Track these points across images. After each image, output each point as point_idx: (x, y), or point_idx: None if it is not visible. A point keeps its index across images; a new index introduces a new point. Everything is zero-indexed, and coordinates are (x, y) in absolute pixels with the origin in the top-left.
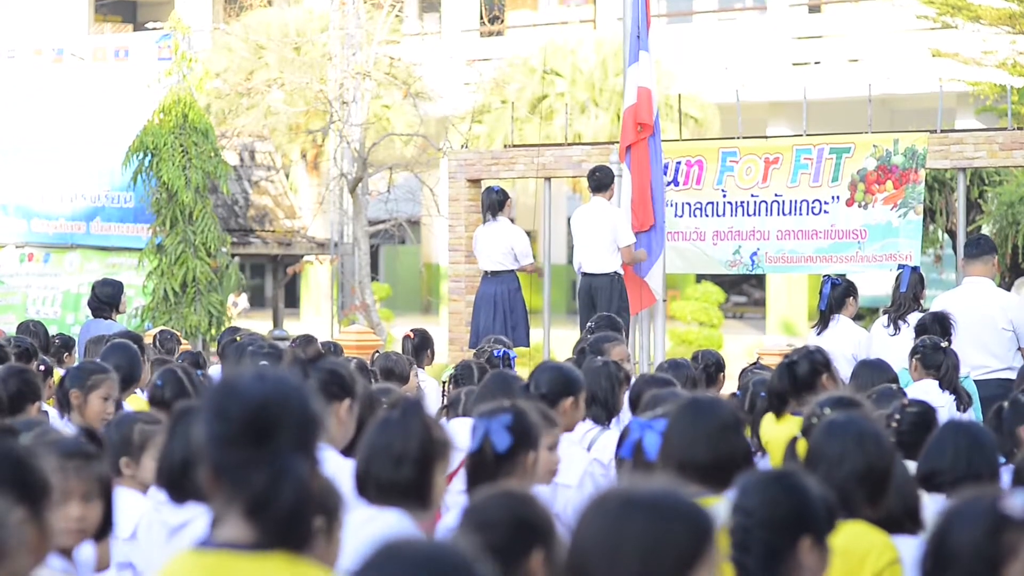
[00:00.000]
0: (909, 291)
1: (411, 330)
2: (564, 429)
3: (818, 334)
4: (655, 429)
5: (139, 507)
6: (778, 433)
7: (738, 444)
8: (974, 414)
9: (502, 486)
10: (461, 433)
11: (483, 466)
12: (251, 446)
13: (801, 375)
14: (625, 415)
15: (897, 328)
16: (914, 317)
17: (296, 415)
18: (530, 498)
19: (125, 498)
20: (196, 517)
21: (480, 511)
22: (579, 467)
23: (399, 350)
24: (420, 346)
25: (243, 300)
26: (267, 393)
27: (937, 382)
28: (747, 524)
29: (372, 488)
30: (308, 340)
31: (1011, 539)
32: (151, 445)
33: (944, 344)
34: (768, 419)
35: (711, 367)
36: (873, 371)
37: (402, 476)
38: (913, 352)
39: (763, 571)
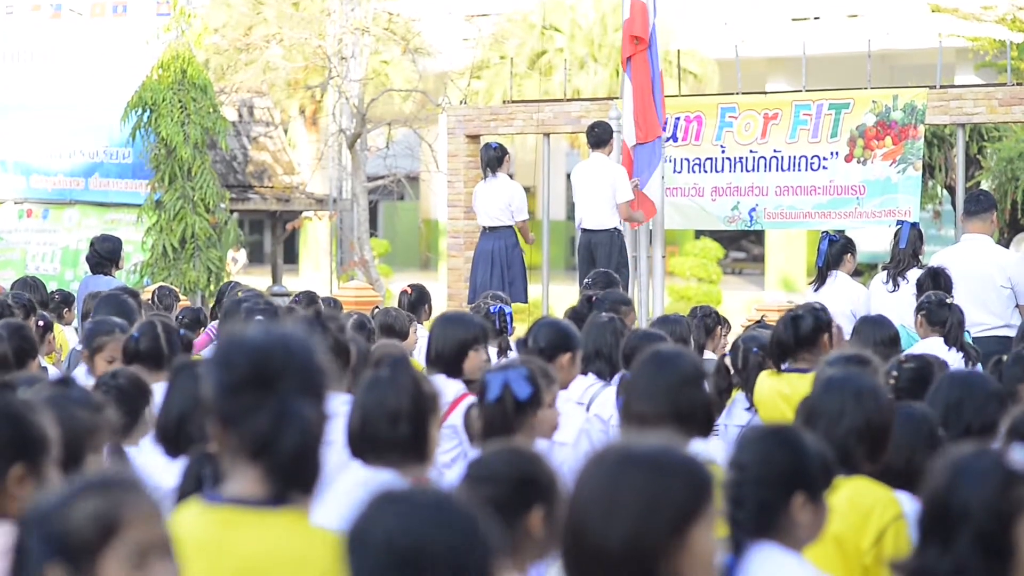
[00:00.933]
0: (908, 247)
1: (408, 285)
2: (560, 385)
3: (815, 290)
4: None
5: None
6: (771, 390)
7: (697, 397)
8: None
9: (508, 442)
10: (447, 388)
11: (503, 417)
12: (256, 392)
13: (804, 330)
14: None
15: (896, 284)
16: (913, 274)
17: (300, 362)
18: (536, 455)
19: None
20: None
21: (485, 465)
22: (575, 424)
23: (398, 306)
24: (417, 301)
25: (242, 256)
26: (271, 341)
27: (943, 339)
28: (741, 479)
29: (367, 447)
30: (310, 298)
31: (1021, 494)
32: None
33: (949, 300)
34: (761, 376)
35: (709, 319)
36: (874, 327)
37: (398, 433)
38: (918, 308)
39: (756, 527)
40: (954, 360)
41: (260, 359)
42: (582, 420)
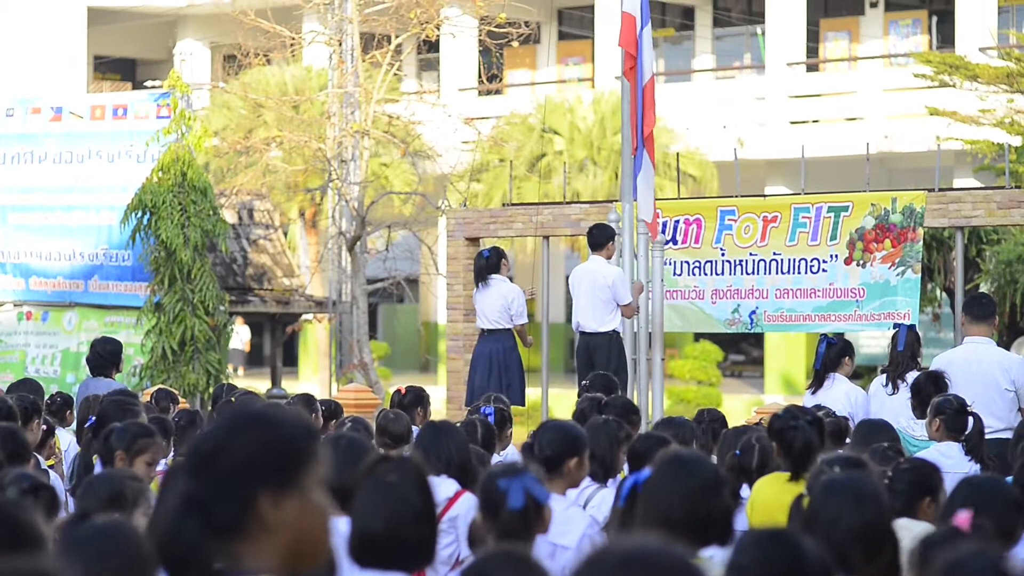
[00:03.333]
0: (907, 350)
1: (404, 387)
2: (568, 486)
3: (813, 393)
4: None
5: None
6: (767, 492)
7: (717, 503)
8: None
9: (504, 546)
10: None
11: (524, 523)
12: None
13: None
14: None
15: (896, 387)
16: (912, 376)
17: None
18: (531, 561)
19: None
20: None
21: (480, 571)
22: (578, 529)
23: (390, 406)
24: (412, 403)
25: (245, 331)
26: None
27: (959, 445)
28: None
29: (371, 552)
30: (307, 400)
31: None
32: (142, 501)
33: (970, 407)
34: (763, 480)
35: (716, 423)
36: (875, 430)
37: (407, 537)
38: (937, 412)
39: None
40: (965, 468)
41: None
42: (585, 525)
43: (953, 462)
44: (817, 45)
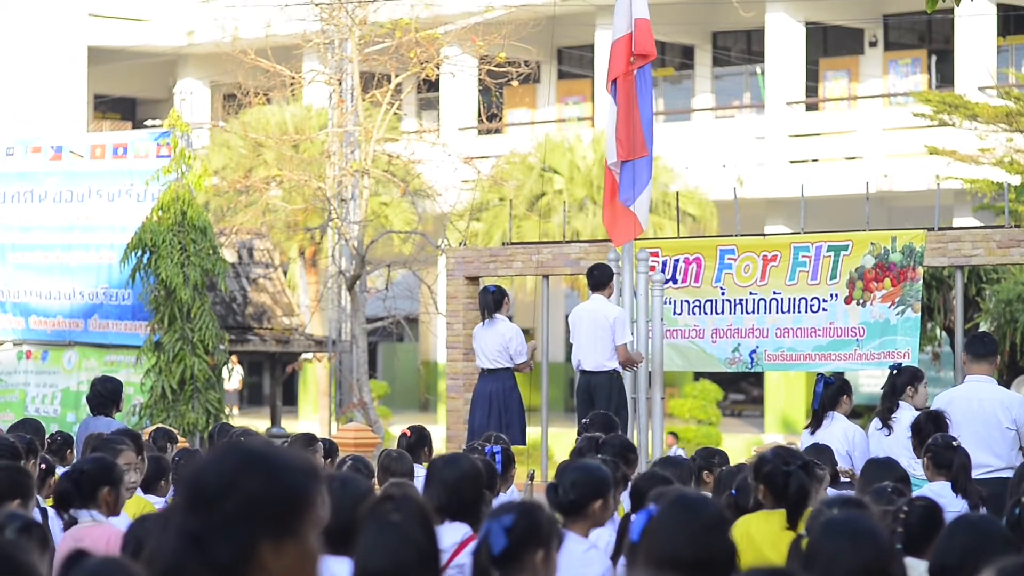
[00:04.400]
0: (890, 390)
1: (408, 427)
2: (591, 527)
3: (811, 433)
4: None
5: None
6: (759, 529)
7: (721, 543)
8: None
9: None
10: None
11: (482, 568)
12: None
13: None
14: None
15: (889, 428)
16: (906, 414)
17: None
18: None
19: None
20: None
21: None
22: (596, 571)
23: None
24: (417, 443)
25: (238, 370)
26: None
27: (950, 483)
28: None
29: None
30: (307, 440)
31: None
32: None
33: (955, 443)
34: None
35: (715, 457)
36: (882, 469)
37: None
38: (925, 451)
39: None
40: (957, 506)
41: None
42: (603, 568)
43: (945, 501)
44: (816, 84)
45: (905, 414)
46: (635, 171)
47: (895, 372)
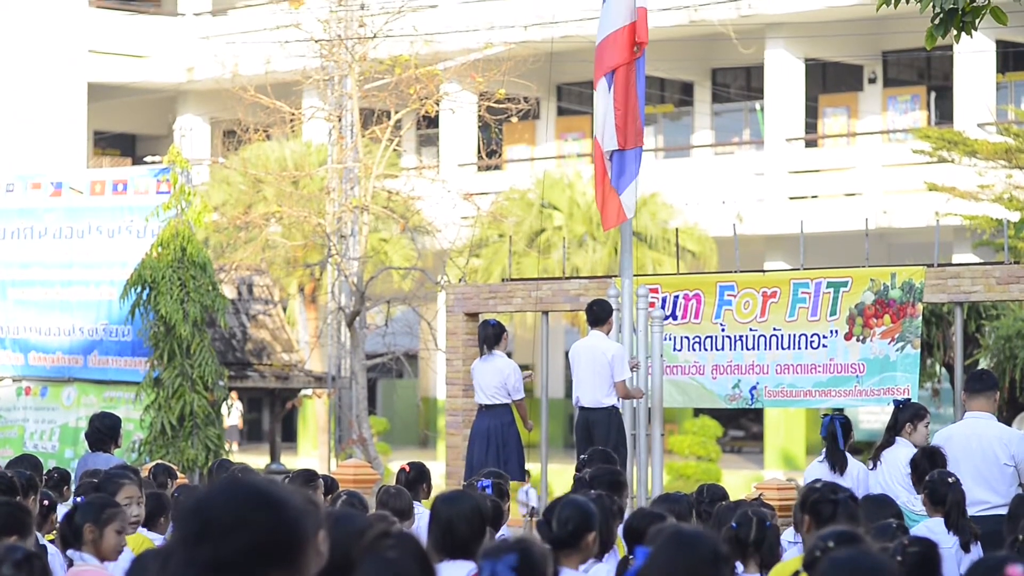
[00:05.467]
0: (895, 429)
1: (407, 463)
2: (583, 560)
3: (832, 471)
4: None
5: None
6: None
7: None
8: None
9: None
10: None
11: None
12: None
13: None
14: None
15: (874, 463)
16: (891, 452)
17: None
18: None
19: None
20: None
21: None
22: None
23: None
24: (416, 479)
25: (238, 406)
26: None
27: (943, 520)
28: None
29: None
30: (307, 476)
31: None
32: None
33: (951, 479)
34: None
35: (716, 491)
36: (878, 506)
37: None
38: (923, 487)
39: None
40: (951, 544)
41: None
42: None
43: (938, 537)
44: (816, 121)
45: (902, 451)
46: (625, 161)
47: (899, 407)
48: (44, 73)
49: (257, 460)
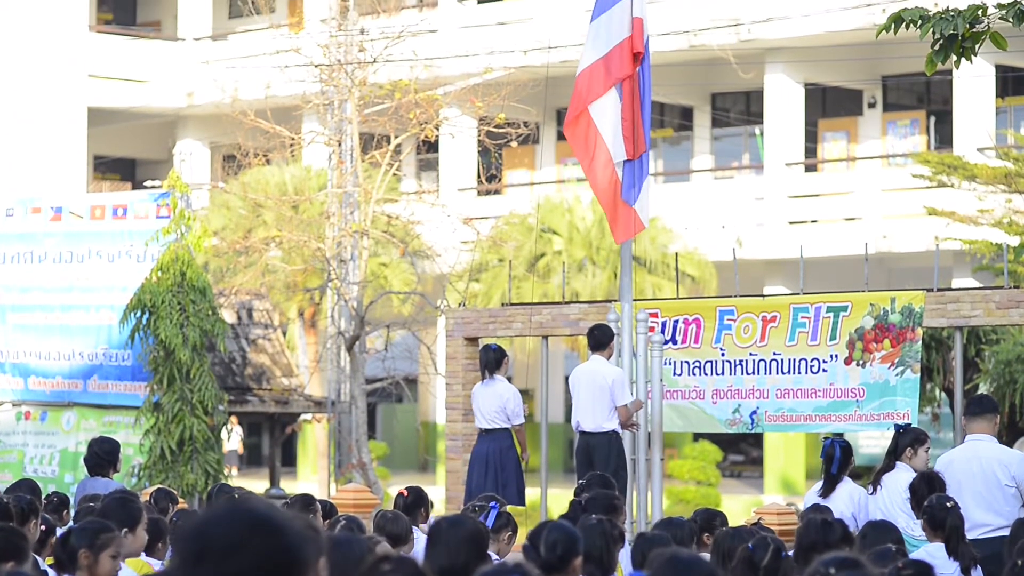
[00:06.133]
0: (895, 453)
1: (405, 488)
2: None
3: (823, 496)
4: None
5: None
6: None
7: None
8: None
9: None
10: None
11: None
12: None
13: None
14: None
15: (874, 487)
16: (891, 477)
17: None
18: None
19: None
20: None
21: None
22: None
23: (394, 508)
24: (414, 504)
25: (237, 430)
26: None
27: (943, 544)
28: None
29: None
30: (306, 501)
31: None
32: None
33: (950, 503)
34: None
35: (716, 519)
36: (879, 532)
37: None
38: (923, 512)
39: None
40: (950, 568)
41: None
42: None
43: (938, 562)
44: (815, 145)
45: (902, 475)
46: (634, 170)
47: (900, 432)
48: (44, 97)
49: (257, 485)
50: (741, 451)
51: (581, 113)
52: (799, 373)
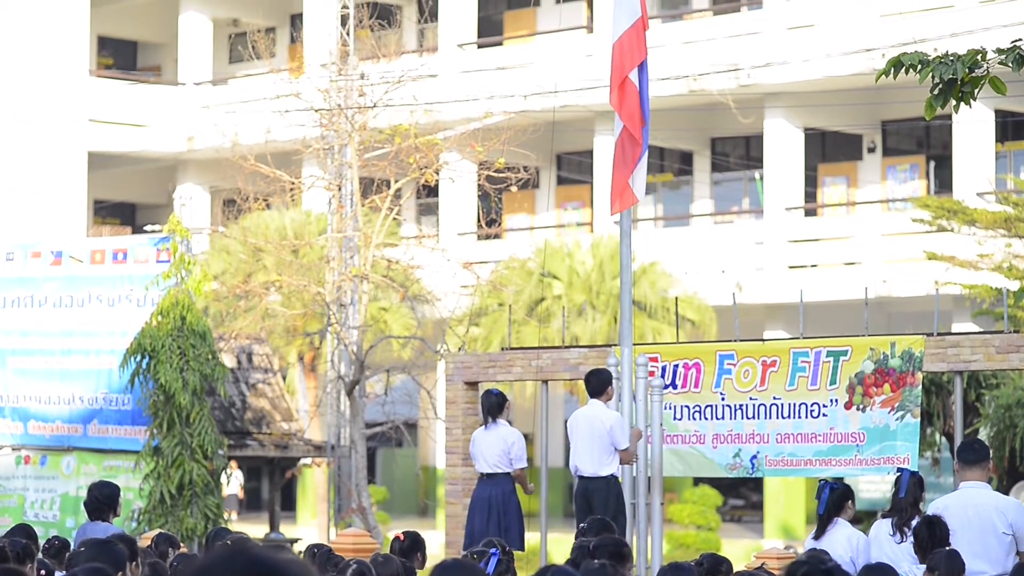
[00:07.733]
0: (908, 496)
1: (402, 532)
2: None
3: (815, 539)
4: None
5: None
6: None
7: None
8: None
9: None
10: None
11: None
12: None
13: None
14: None
15: (903, 535)
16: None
17: None
18: None
19: None
20: None
21: None
22: None
23: (390, 552)
24: (410, 548)
25: (238, 474)
26: None
27: None
28: None
29: None
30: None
31: None
32: None
33: (949, 549)
34: None
35: (720, 567)
36: (879, 575)
37: None
38: (929, 567)
39: None
40: None
41: None
42: None
43: None
44: (815, 190)
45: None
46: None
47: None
48: (44, 142)
49: (256, 529)
50: (741, 495)
51: (624, 81)
52: (799, 417)
